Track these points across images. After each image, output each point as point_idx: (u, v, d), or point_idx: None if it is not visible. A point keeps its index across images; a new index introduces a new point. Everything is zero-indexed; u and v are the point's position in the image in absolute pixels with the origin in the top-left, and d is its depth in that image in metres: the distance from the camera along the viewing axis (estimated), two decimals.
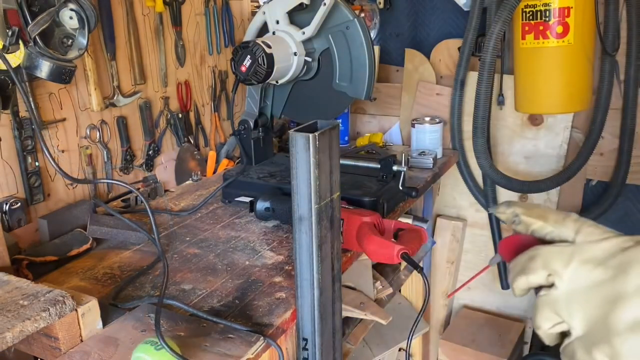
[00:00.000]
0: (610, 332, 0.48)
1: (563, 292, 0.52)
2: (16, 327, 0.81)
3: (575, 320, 0.51)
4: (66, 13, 1.12)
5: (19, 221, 1.27)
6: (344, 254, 1.19)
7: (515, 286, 0.56)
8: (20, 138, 1.26)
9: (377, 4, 2.16)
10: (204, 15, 1.79)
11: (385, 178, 1.44)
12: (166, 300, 1.01)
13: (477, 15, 1.83)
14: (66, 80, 1.14)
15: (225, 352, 0.86)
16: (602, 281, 0.49)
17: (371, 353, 1.75)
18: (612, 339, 0.47)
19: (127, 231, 1.29)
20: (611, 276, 0.49)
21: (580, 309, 0.51)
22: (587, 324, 0.50)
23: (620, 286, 0.48)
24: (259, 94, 1.57)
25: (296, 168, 0.86)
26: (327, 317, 0.97)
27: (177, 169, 1.74)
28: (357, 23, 1.39)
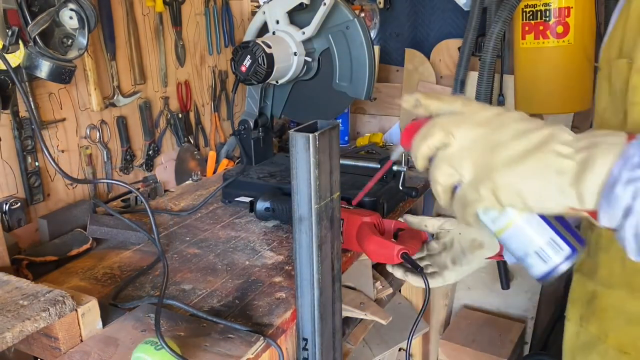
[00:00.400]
0: (491, 171, 0.60)
1: (456, 148, 0.63)
2: (16, 327, 0.81)
3: (465, 169, 0.62)
4: (66, 13, 1.12)
5: (18, 221, 1.26)
6: (344, 254, 1.19)
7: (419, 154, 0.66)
8: (20, 138, 1.26)
9: (377, 3, 2.16)
10: (204, 15, 1.79)
11: (385, 178, 1.44)
12: (166, 300, 1.01)
13: (477, 15, 1.83)
14: (66, 80, 1.14)
15: (225, 352, 0.86)
16: (485, 135, 0.62)
17: (371, 353, 1.75)
18: (492, 175, 0.60)
19: (127, 231, 1.29)
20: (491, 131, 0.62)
21: (469, 159, 0.62)
22: (474, 170, 0.62)
23: (497, 137, 0.61)
24: (259, 94, 1.57)
25: (296, 168, 0.86)
26: (327, 317, 0.97)
27: (177, 169, 1.74)
28: (357, 23, 1.39)
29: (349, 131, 2.10)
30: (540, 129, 0.60)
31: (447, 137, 0.63)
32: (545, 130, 0.59)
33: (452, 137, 0.63)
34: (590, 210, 0.56)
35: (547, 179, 0.57)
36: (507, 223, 0.64)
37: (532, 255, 0.64)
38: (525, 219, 0.63)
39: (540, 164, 0.57)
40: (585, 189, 0.55)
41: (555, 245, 0.63)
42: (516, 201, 0.59)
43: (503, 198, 0.60)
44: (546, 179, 0.57)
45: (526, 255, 0.65)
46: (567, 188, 0.56)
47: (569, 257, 0.63)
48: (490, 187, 0.60)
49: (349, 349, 1.50)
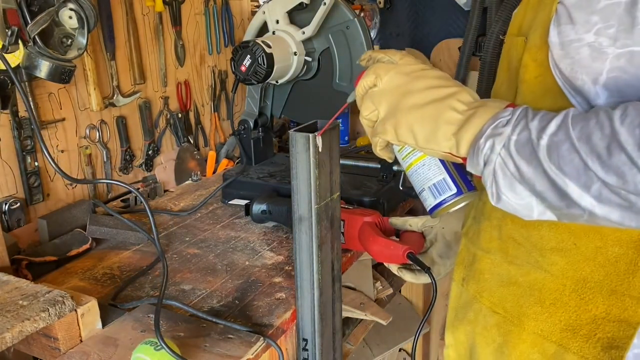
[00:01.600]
0: (397, 111, 0.71)
1: (380, 89, 0.74)
2: (15, 327, 0.81)
3: (382, 106, 0.74)
4: (66, 13, 1.12)
5: (18, 221, 1.26)
6: (344, 254, 1.19)
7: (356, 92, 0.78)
8: (20, 138, 1.26)
9: (377, 3, 2.16)
10: (204, 15, 1.79)
11: (385, 178, 1.44)
12: (166, 301, 1.01)
13: (478, 15, 1.83)
14: (65, 80, 1.14)
15: (225, 353, 0.86)
16: (403, 83, 0.73)
17: (371, 353, 1.75)
18: (397, 115, 0.71)
19: (127, 231, 1.29)
20: (411, 80, 0.72)
21: (386, 99, 0.73)
22: (387, 109, 0.73)
23: (413, 85, 0.71)
24: (258, 94, 1.57)
25: (296, 168, 0.86)
26: (327, 317, 0.97)
27: (177, 169, 1.74)
28: (357, 23, 1.39)
29: (349, 131, 2.10)
30: (449, 87, 0.69)
31: (376, 79, 0.74)
32: (452, 89, 0.69)
33: (380, 80, 0.74)
34: (463, 157, 0.66)
35: (437, 125, 0.67)
36: (413, 162, 0.77)
37: (426, 190, 0.77)
38: (426, 160, 0.76)
39: (435, 113, 0.68)
40: (462, 139, 0.65)
41: (445, 184, 0.76)
42: (410, 139, 0.70)
43: (400, 133, 0.71)
44: (437, 125, 0.67)
45: (422, 190, 0.78)
46: (450, 136, 0.66)
47: (455, 195, 0.76)
48: (393, 123, 0.71)
49: (349, 350, 1.49)
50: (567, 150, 0.55)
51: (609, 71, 0.59)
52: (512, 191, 0.61)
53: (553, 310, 0.72)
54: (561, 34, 0.63)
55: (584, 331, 0.69)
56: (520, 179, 0.59)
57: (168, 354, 0.80)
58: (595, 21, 0.59)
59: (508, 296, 0.77)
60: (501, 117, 0.62)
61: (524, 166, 0.58)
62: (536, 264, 0.73)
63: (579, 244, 0.69)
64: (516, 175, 0.59)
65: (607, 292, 0.68)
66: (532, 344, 0.74)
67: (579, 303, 0.70)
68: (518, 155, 0.59)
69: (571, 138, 0.55)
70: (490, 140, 0.61)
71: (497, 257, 0.79)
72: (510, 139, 0.60)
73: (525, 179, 0.59)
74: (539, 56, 0.68)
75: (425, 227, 1.08)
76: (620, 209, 0.54)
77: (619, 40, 0.58)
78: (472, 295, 0.84)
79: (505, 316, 0.77)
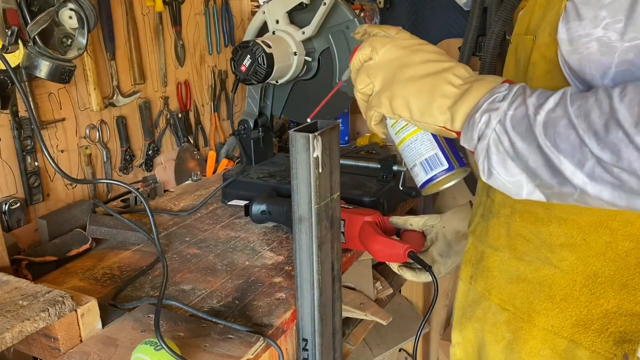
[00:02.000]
0: (393, 84, 0.71)
1: (376, 62, 0.74)
2: (15, 327, 0.81)
3: (377, 79, 0.73)
4: (65, 13, 1.12)
5: (18, 221, 1.26)
6: (344, 254, 1.19)
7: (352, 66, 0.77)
8: (20, 138, 1.26)
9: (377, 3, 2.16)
10: (204, 15, 1.79)
11: (385, 178, 1.44)
12: (166, 301, 1.01)
13: (478, 15, 1.83)
14: (65, 80, 1.13)
15: (225, 353, 0.86)
16: (400, 56, 0.72)
17: (371, 353, 1.75)
18: (393, 87, 0.71)
19: (127, 231, 1.29)
20: (407, 54, 0.72)
21: (381, 72, 0.73)
22: (382, 82, 0.73)
23: (409, 59, 0.71)
24: (258, 94, 1.56)
25: (296, 168, 0.86)
26: (327, 317, 0.97)
27: (177, 169, 1.74)
28: (357, 23, 1.39)
29: (349, 131, 2.10)
30: (446, 62, 0.70)
31: (372, 52, 0.74)
32: (449, 63, 0.70)
33: (375, 53, 0.74)
34: (457, 131, 0.66)
35: (433, 98, 0.67)
36: (405, 137, 0.76)
37: (418, 165, 0.77)
38: (419, 136, 0.75)
39: (431, 86, 0.68)
40: (457, 112, 0.65)
41: (437, 159, 0.75)
42: (405, 112, 0.70)
43: (395, 106, 0.71)
44: (432, 98, 0.67)
45: (414, 165, 0.77)
46: (445, 109, 0.66)
47: (447, 171, 0.75)
48: (389, 95, 0.71)
49: (349, 350, 1.49)
50: (564, 127, 0.55)
51: (617, 65, 0.59)
52: (503, 168, 0.61)
53: (564, 305, 0.72)
54: (570, 30, 0.63)
55: (596, 326, 0.70)
56: (514, 155, 0.59)
57: (168, 354, 0.80)
58: (604, 16, 0.60)
59: (518, 293, 0.77)
60: (498, 92, 0.62)
61: (518, 142, 0.59)
62: (546, 260, 0.73)
63: (588, 240, 0.69)
64: (510, 151, 0.59)
65: (618, 286, 0.68)
66: (542, 340, 0.74)
67: (590, 298, 0.70)
68: (513, 131, 0.59)
69: (569, 114, 0.55)
70: (486, 115, 0.61)
71: (505, 254, 0.79)
72: (506, 114, 0.60)
73: (519, 155, 0.59)
74: (548, 53, 0.68)
75: (426, 227, 1.09)
76: (611, 187, 0.54)
77: (627, 34, 0.58)
78: (481, 293, 0.84)
79: (515, 313, 0.78)
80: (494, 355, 0.81)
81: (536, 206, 0.73)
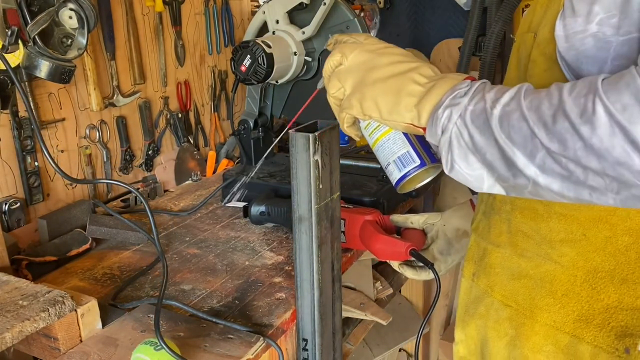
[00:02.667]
0: (362, 86, 0.74)
1: (346, 67, 0.76)
2: (15, 327, 0.81)
3: (348, 83, 0.76)
4: (65, 13, 1.12)
5: (18, 221, 1.26)
6: (344, 254, 1.19)
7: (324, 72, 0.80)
8: (20, 138, 1.26)
9: (377, 3, 2.16)
10: (204, 14, 1.79)
11: (385, 178, 1.44)
12: (166, 301, 1.01)
13: (478, 15, 1.83)
14: (65, 80, 1.13)
15: (225, 353, 0.86)
16: (368, 60, 0.75)
17: (371, 353, 1.75)
18: (362, 89, 0.73)
19: (127, 231, 1.29)
20: (373, 57, 0.75)
21: (351, 76, 0.75)
22: (352, 85, 0.75)
23: (377, 61, 0.74)
24: (258, 94, 1.56)
25: (296, 168, 0.86)
26: (327, 317, 0.97)
27: (177, 169, 1.74)
28: (357, 23, 1.39)
29: None
30: (412, 62, 0.72)
31: (342, 58, 0.77)
32: (415, 64, 0.72)
33: (345, 59, 0.76)
34: (424, 127, 0.68)
35: (400, 97, 0.69)
36: (378, 137, 0.78)
37: (391, 164, 0.79)
38: (391, 135, 0.78)
39: (398, 85, 0.70)
40: (422, 109, 0.67)
41: (409, 156, 0.77)
42: (374, 112, 0.72)
43: (365, 107, 0.73)
44: (399, 97, 0.70)
45: (388, 164, 0.79)
46: (411, 107, 0.68)
47: (419, 167, 0.77)
48: (359, 97, 0.74)
49: (349, 350, 1.49)
50: (517, 119, 0.57)
51: (613, 59, 0.60)
52: (465, 161, 0.63)
53: (565, 301, 0.73)
54: (566, 27, 0.64)
55: (597, 320, 0.70)
56: (473, 149, 0.61)
57: (168, 354, 0.80)
58: (597, 11, 0.61)
59: (519, 289, 0.78)
60: (460, 89, 0.64)
61: (477, 135, 0.61)
62: (546, 256, 0.74)
63: (588, 235, 0.70)
64: (469, 145, 0.62)
65: (618, 281, 0.69)
66: (545, 335, 0.75)
67: (591, 293, 0.70)
68: (472, 125, 0.61)
69: (521, 107, 0.57)
70: (448, 110, 0.63)
71: (507, 251, 0.80)
72: (466, 109, 0.62)
73: (478, 149, 0.61)
74: (548, 50, 0.69)
75: (427, 224, 1.09)
76: (560, 179, 0.56)
77: (622, 28, 0.59)
78: (483, 290, 0.84)
79: (517, 309, 0.78)
80: (497, 351, 0.82)
81: (536, 202, 0.74)
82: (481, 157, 0.61)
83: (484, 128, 0.60)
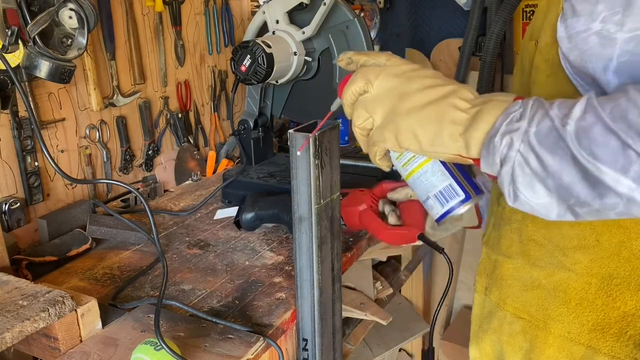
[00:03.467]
0: (395, 116, 0.67)
1: (372, 95, 0.69)
2: (15, 327, 0.81)
3: (377, 113, 0.69)
4: (65, 13, 1.12)
5: (18, 221, 1.26)
6: (344, 254, 1.19)
7: (345, 100, 0.73)
8: (20, 138, 1.26)
9: (377, 3, 2.16)
10: (204, 15, 1.79)
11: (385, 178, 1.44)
12: (166, 301, 1.01)
13: (478, 15, 1.83)
14: (65, 80, 1.13)
15: (225, 353, 0.86)
16: (396, 86, 0.68)
17: (371, 353, 1.75)
18: (396, 120, 0.67)
19: (127, 231, 1.29)
20: (404, 82, 0.68)
21: (381, 105, 0.69)
22: (383, 115, 0.69)
23: (407, 87, 0.67)
24: (258, 94, 1.56)
25: (296, 168, 0.86)
26: (327, 317, 0.97)
27: (177, 169, 1.74)
28: (357, 23, 1.39)
29: (349, 131, 2.10)
30: (446, 85, 0.66)
31: (366, 85, 0.70)
32: (450, 87, 0.65)
33: (370, 86, 0.70)
34: (475, 158, 0.62)
35: (442, 126, 0.63)
36: (414, 169, 0.72)
37: (432, 198, 0.73)
38: (429, 167, 0.72)
39: (438, 113, 0.64)
40: (472, 138, 0.61)
41: (452, 190, 0.72)
42: (413, 144, 0.66)
43: (402, 139, 0.67)
44: (441, 126, 0.63)
45: (427, 198, 0.74)
46: (457, 136, 0.62)
47: (464, 201, 0.72)
48: (393, 129, 0.67)
49: (349, 350, 1.49)
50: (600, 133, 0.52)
51: (619, 56, 0.59)
52: (530, 190, 0.58)
53: (580, 310, 0.70)
54: (568, 28, 0.63)
55: (614, 330, 0.68)
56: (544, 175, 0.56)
57: (168, 354, 0.80)
58: (601, 10, 0.59)
59: (532, 300, 0.75)
60: (513, 111, 0.59)
61: (548, 158, 0.55)
62: (559, 264, 0.72)
63: (601, 240, 0.68)
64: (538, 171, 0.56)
65: (635, 287, 0.66)
66: (559, 348, 0.73)
67: (606, 301, 0.68)
68: (541, 147, 0.56)
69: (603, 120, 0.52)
70: (508, 137, 0.58)
71: (518, 261, 0.77)
72: (528, 132, 0.57)
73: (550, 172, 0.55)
74: (550, 55, 0.68)
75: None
76: None
77: (626, 25, 0.58)
78: (495, 303, 0.82)
79: (531, 321, 0.76)
80: None
81: None
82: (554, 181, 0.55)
83: (556, 148, 0.55)
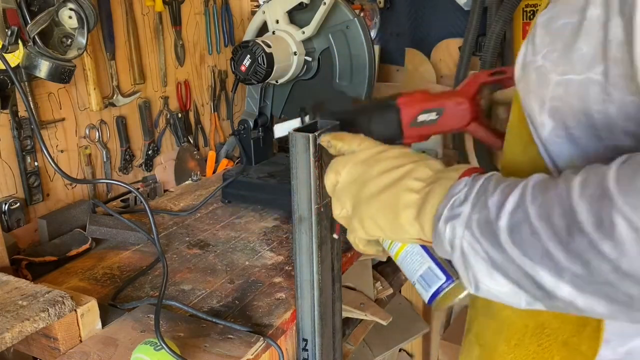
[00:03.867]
0: (359, 205, 0.65)
1: (341, 185, 0.68)
2: (15, 327, 0.81)
3: (347, 203, 0.68)
4: (65, 12, 1.12)
5: (18, 221, 1.26)
6: (344, 254, 1.19)
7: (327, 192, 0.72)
8: (20, 138, 1.26)
9: (377, 3, 2.16)
10: (204, 14, 1.79)
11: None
12: (165, 301, 1.00)
13: (478, 15, 1.83)
14: (65, 80, 1.13)
15: (225, 353, 0.86)
16: (360, 174, 0.66)
17: (371, 354, 1.75)
18: (360, 208, 0.65)
19: (127, 231, 1.28)
20: (364, 169, 0.66)
21: (348, 195, 0.67)
22: (352, 205, 0.67)
23: (366, 175, 0.65)
24: (258, 94, 1.56)
25: (296, 168, 0.86)
26: (327, 317, 0.97)
27: (177, 169, 1.74)
28: (357, 22, 1.39)
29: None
30: (405, 165, 0.62)
31: (336, 176, 0.69)
32: (408, 166, 0.62)
33: (339, 176, 0.69)
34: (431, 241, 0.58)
35: (397, 212, 0.60)
36: (397, 252, 0.70)
37: (416, 283, 0.69)
38: (409, 249, 0.68)
39: (392, 198, 0.61)
40: (424, 222, 0.57)
41: (432, 274, 0.67)
42: (377, 231, 0.64)
43: (367, 228, 0.65)
44: (396, 212, 0.60)
45: (414, 283, 0.70)
46: (412, 220, 0.59)
47: (446, 283, 0.66)
48: (358, 219, 0.65)
49: (349, 350, 1.49)
50: (528, 233, 0.46)
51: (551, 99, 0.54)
52: (489, 278, 0.51)
53: (517, 352, 0.67)
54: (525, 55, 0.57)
55: None
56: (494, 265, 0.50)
57: (168, 354, 0.80)
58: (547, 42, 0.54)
59: (488, 328, 0.72)
60: (456, 194, 0.54)
61: (491, 250, 0.50)
62: None
63: None
64: (487, 260, 0.50)
65: (560, 342, 0.62)
66: None
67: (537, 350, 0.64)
68: (483, 238, 0.50)
69: (529, 217, 0.46)
70: (450, 224, 0.53)
71: None
72: (471, 218, 0.51)
73: (497, 265, 0.50)
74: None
75: None
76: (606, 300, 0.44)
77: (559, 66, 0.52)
78: (467, 327, 0.80)
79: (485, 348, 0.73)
80: None
81: None
82: (503, 273, 0.50)
83: (495, 242, 0.49)
